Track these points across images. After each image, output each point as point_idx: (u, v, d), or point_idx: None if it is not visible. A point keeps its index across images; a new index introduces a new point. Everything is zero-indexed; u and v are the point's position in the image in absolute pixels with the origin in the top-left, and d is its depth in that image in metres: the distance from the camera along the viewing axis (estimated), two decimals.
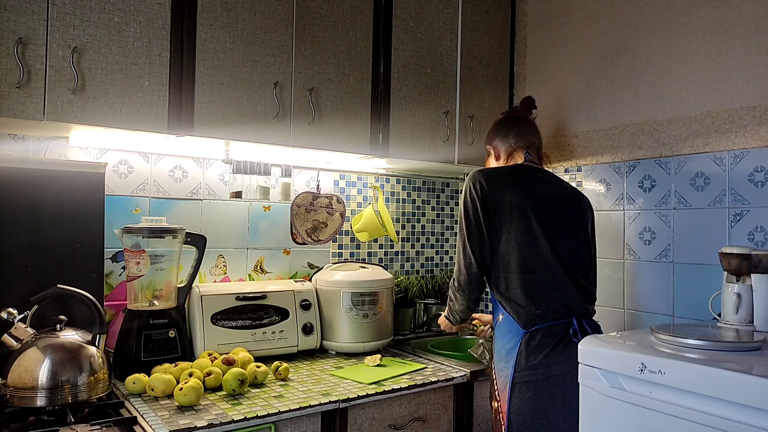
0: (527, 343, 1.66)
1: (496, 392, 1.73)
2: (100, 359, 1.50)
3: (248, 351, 1.86)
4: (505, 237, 1.72)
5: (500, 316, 1.74)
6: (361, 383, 1.75)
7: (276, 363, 1.79)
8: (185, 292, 1.93)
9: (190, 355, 1.83)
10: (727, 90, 1.91)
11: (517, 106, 2.07)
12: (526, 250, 1.70)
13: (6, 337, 1.45)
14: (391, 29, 2.17)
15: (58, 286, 1.55)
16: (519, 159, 1.90)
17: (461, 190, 2.88)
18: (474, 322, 2.12)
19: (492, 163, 1.98)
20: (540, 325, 1.66)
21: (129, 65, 1.62)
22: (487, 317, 2.05)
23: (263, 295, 2.01)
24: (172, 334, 1.78)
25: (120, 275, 1.93)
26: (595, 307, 1.79)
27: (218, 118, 1.76)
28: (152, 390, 1.56)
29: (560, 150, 2.43)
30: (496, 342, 1.77)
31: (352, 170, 2.49)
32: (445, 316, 1.95)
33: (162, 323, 1.78)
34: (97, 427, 1.32)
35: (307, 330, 2.05)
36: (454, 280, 1.81)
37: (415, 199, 2.74)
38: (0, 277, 1.62)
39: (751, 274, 1.63)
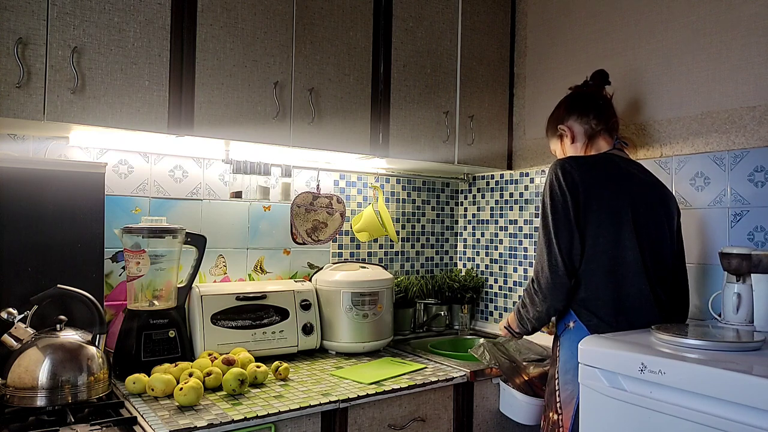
0: None
1: (558, 404, 1.58)
2: (100, 359, 1.50)
3: (248, 351, 1.86)
4: (592, 239, 1.51)
5: (571, 324, 1.57)
6: (361, 383, 1.75)
7: (276, 363, 1.79)
8: (185, 292, 1.93)
9: (190, 355, 1.83)
10: (727, 90, 1.91)
11: (588, 80, 1.84)
12: (616, 261, 1.52)
13: (6, 337, 1.45)
14: (391, 29, 2.17)
15: (58, 286, 1.55)
16: (603, 145, 1.68)
17: (461, 190, 2.90)
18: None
19: (567, 145, 1.73)
20: None
21: (129, 65, 1.62)
22: None
23: (263, 295, 2.01)
24: (172, 334, 1.78)
25: (120, 275, 1.93)
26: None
27: (218, 118, 1.77)
28: (152, 390, 1.56)
29: None
30: (564, 351, 1.59)
31: (352, 170, 2.49)
32: (505, 327, 1.70)
33: (162, 323, 1.78)
34: (97, 427, 1.32)
35: (307, 330, 2.05)
36: (533, 281, 1.56)
37: (415, 199, 2.74)
38: (0, 277, 1.62)
39: (751, 274, 1.63)
